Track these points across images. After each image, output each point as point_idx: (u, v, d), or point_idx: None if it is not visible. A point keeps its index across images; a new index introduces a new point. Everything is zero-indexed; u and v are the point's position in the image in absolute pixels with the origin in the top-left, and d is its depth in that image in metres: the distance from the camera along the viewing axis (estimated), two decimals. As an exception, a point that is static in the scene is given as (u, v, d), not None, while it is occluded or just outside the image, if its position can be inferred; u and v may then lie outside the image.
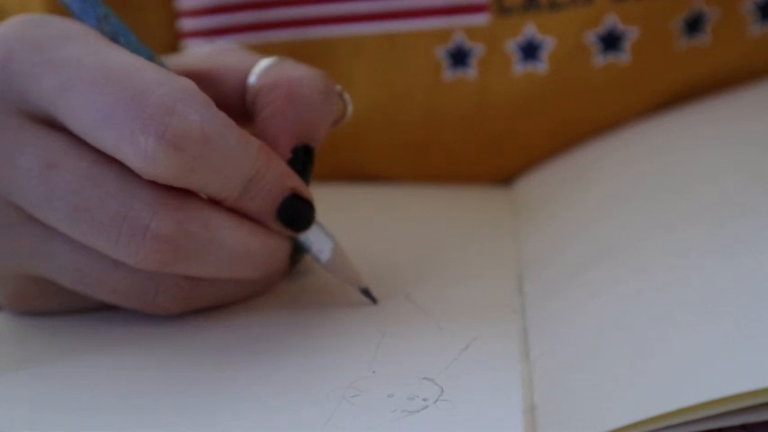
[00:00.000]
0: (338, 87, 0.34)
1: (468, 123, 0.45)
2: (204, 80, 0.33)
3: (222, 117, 0.29)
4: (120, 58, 0.29)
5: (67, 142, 0.29)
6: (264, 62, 0.34)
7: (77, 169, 0.29)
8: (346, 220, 0.38)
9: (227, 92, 0.34)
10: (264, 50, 0.44)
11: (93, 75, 0.29)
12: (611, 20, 0.44)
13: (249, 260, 0.31)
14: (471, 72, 0.45)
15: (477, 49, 0.45)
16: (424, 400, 0.26)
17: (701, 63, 0.45)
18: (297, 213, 0.31)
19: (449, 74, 0.45)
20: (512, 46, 0.44)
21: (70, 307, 0.33)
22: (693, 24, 0.45)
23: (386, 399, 0.27)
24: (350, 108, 0.35)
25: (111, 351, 0.31)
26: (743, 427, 0.23)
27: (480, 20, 0.44)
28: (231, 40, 0.44)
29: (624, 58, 0.45)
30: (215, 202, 0.30)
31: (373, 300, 0.33)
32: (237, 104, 0.33)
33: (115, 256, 0.29)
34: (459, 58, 0.45)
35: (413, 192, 0.45)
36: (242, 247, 0.31)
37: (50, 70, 0.29)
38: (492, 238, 0.38)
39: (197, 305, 0.32)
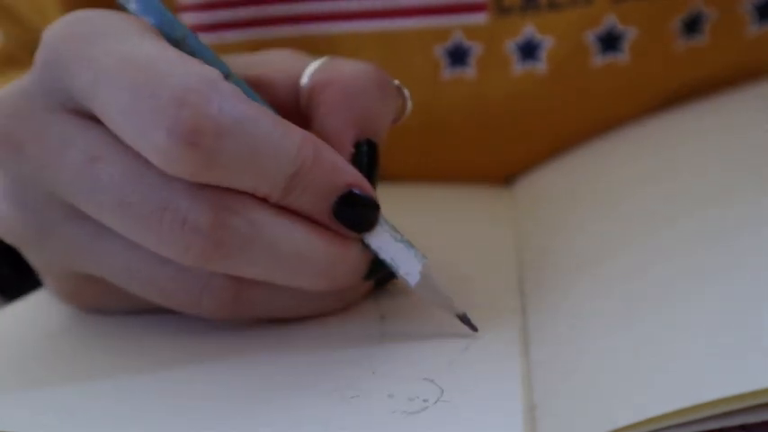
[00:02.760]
0: (396, 82, 0.33)
1: (466, 123, 0.46)
2: (255, 86, 0.32)
3: (250, 108, 0.27)
4: (148, 50, 0.28)
5: (111, 136, 0.29)
6: (315, 63, 0.32)
7: (120, 162, 0.28)
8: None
9: (279, 97, 0.32)
10: (265, 46, 0.44)
11: (116, 68, 0.28)
12: (610, 20, 0.44)
13: (308, 266, 0.29)
14: (470, 71, 0.45)
15: (476, 49, 0.45)
16: (425, 400, 0.26)
17: (700, 63, 0.46)
18: (356, 212, 0.29)
19: (447, 72, 0.45)
20: (510, 46, 0.45)
21: (126, 307, 0.33)
22: (692, 25, 0.45)
23: (386, 399, 0.27)
24: (409, 104, 0.33)
25: (119, 353, 0.31)
26: (742, 427, 0.23)
27: (479, 19, 0.44)
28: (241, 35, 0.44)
29: (623, 58, 0.45)
30: (263, 200, 0.29)
31: (473, 327, 0.30)
32: (291, 109, 0.32)
33: (159, 250, 0.28)
34: (457, 56, 0.45)
35: (413, 191, 0.45)
36: (297, 249, 0.29)
37: (85, 66, 0.28)
38: (492, 238, 0.38)
39: (245, 313, 0.30)
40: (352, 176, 0.29)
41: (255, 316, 0.31)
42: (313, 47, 0.44)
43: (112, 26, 0.29)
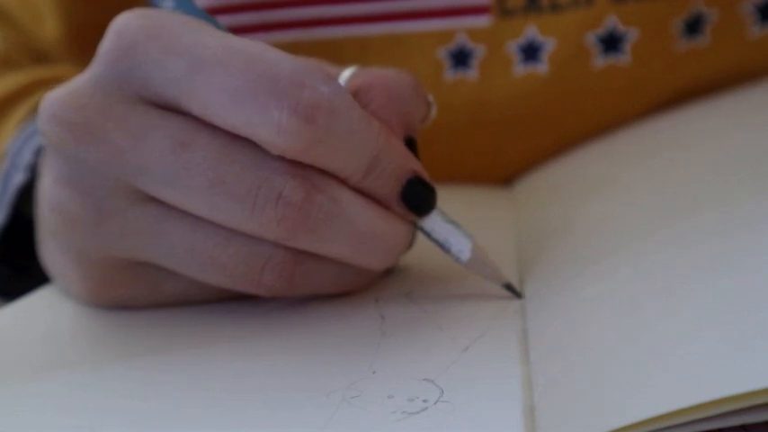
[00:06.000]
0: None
1: (468, 124, 0.46)
2: None
3: (347, 92, 0.30)
4: (241, 41, 0.30)
5: (197, 122, 0.30)
6: (347, 71, 0.34)
7: (211, 146, 0.30)
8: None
9: None
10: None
11: (218, 57, 0.29)
12: (612, 21, 0.44)
13: (375, 244, 0.31)
14: (472, 73, 0.45)
15: (479, 51, 0.45)
16: (425, 401, 0.26)
17: (701, 64, 0.46)
18: (420, 196, 0.31)
19: (450, 74, 0.45)
20: (513, 47, 0.45)
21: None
22: (693, 26, 0.45)
23: (386, 400, 0.27)
24: (434, 109, 0.35)
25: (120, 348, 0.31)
26: (743, 427, 0.23)
27: (482, 21, 0.44)
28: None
29: (624, 59, 0.45)
30: (342, 181, 0.31)
31: (517, 294, 0.32)
32: None
33: (247, 226, 0.30)
34: (460, 59, 0.45)
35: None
36: (370, 228, 0.31)
37: (174, 57, 0.29)
38: (492, 239, 0.38)
39: (299, 289, 0.32)
40: (417, 164, 0.32)
41: (307, 292, 0.32)
42: (317, 51, 0.44)
43: (187, 21, 0.31)
